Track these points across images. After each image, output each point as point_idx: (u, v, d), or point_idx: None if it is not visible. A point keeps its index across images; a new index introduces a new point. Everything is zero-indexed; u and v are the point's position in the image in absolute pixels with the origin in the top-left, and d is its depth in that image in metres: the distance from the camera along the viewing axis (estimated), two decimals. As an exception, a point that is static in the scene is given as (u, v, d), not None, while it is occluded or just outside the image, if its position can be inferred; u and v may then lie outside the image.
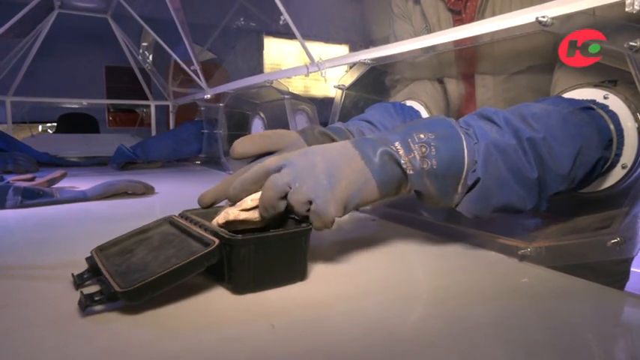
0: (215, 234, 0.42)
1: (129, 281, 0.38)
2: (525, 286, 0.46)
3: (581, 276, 0.48)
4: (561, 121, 0.49)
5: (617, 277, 0.69)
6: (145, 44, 2.34)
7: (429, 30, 0.82)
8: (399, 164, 0.45)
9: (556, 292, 0.45)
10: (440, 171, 0.46)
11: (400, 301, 0.42)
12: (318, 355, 0.32)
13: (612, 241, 0.46)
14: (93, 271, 0.44)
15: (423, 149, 0.45)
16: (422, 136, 0.46)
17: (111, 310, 0.38)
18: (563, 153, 0.48)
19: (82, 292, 0.38)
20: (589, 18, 0.51)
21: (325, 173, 0.43)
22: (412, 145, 0.46)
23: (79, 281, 0.43)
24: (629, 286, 0.67)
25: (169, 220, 0.50)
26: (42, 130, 3.42)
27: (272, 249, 0.43)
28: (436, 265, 0.54)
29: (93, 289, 0.41)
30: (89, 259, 0.45)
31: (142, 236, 0.48)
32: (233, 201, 0.47)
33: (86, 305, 0.37)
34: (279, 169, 0.44)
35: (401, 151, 0.45)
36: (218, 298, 0.42)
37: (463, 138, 0.47)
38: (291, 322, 0.37)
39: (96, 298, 0.37)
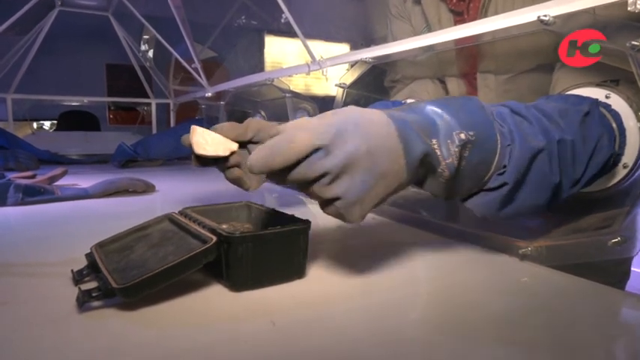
0: (213, 231, 0.42)
1: (126, 278, 0.38)
2: (526, 285, 0.46)
3: (582, 276, 0.48)
4: (580, 121, 0.48)
5: (617, 277, 0.69)
6: (146, 37, 2.34)
7: (429, 30, 0.82)
8: (434, 170, 0.41)
9: (556, 292, 0.45)
10: (464, 172, 0.42)
11: (400, 301, 0.42)
12: (319, 354, 0.32)
13: (613, 240, 0.46)
14: (92, 268, 0.44)
15: (460, 152, 0.41)
16: (462, 136, 0.41)
17: (110, 307, 0.38)
18: (581, 156, 0.47)
19: (79, 288, 0.38)
20: (590, 17, 0.51)
21: (364, 172, 0.37)
22: (451, 147, 0.40)
23: (78, 277, 0.43)
24: (630, 285, 0.67)
25: (169, 218, 0.51)
26: (37, 127, 3.41)
27: (270, 246, 0.43)
28: (436, 264, 0.54)
29: (92, 285, 0.41)
30: (88, 256, 0.45)
31: (141, 233, 0.49)
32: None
33: (83, 301, 0.37)
34: (314, 152, 0.37)
35: (438, 152, 0.40)
36: (217, 295, 0.42)
37: (498, 140, 0.43)
38: (291, 321, 0.37)
39: (93, 294, 0.38)
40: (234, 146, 0.53)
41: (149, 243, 0.46)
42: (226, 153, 0.52)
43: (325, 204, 0.39)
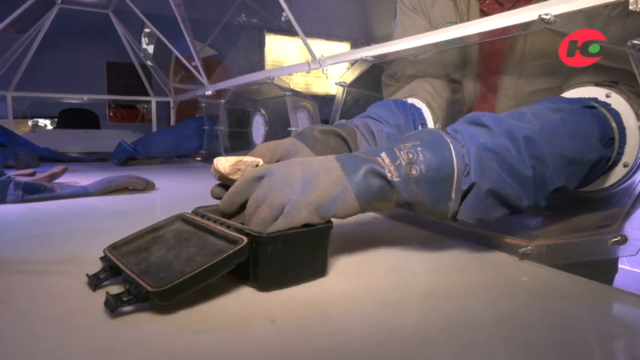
0: (240, 231, 0.42)
1: (158, 281, 0.37)
2: (526, 284, 0.46)
3: (571, 269, 0.48)
4: (559, 119, 0.49)
5: (606, 269, 0.69)
6: (147, 30, 2.33)
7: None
8: (382, 176, 0.45)
9: (556, 291, 0.45)
10: (429, 176, 0.46)
11: (401, 300, 0.42)
12: (319, 354, 0.32)
13: (613, 240, 0.46)
14: (111, 271, 0.42)
15: (410, 155, 0.46)
16: (408, 144, 0.47)
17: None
18: (562, 149, 0.48)
19: (108, 292, 0.37)
20: (591, 16, 0.51)
21: (300, 181, 0.44)
22: (398, 152, 0.46)
23: (95, 282, 0.41)
24: (629, 285, 0.67)
25: (182, 218, 0.50)
26: (32, 125, 3.40)
27: (298, 245, 0.43)
28: (437, 263, 0.54)
29: (105, 288, 0.41)
30: (105, 259, 0.44)
31: (154, 234, 0.47)
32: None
33: (116, 306, 0.36)
34: (260, 179, 0.45)
35: (386, 160, 0.46)
36: (215, 295, 0.42)
37: (449, 141, 0.47)
38: (292, 320, 0.37)
39: (124, 299, 0.36)
40: (259, 160, 0.53)
41: (166, 244, 0.45)
42: (250, 160, 0.51)
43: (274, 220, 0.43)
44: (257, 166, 0.52)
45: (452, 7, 0.80)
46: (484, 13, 0.75)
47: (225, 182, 0.52)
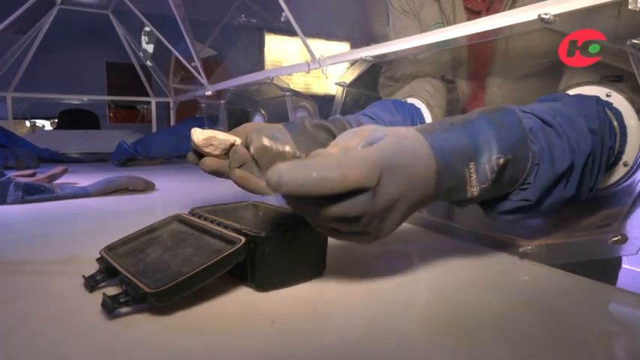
0: (237, 231, 0.42)
1: (155, 282, 0.37)
2: (526, 284, 0.46)
3: (577, 266, 0.48)
4: (587, 125, 0.48)
5: (609, 266, 0.69)
6: (147, 29, 2.33)
7: (443, 27, 0.80)
8: (461, 192, 0.41)
9: (556, 290, 0.45)
10: (486, 189, 0.43)
11: (400, 299, 0.42)
12: (319, 353, 0.32)
13: (613, 239, 0.46)
14: (107, 272, 0.42)
15: (494, 176, 0.42)
16: (501, 161, 0.41)
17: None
18: (598, 164, 0.47)
19: (104, 294, 0.37)
20: (591, 15, 0.51)
21: (400, 212, 0.38)
22: (488, 173, 0.41)
23: (92, 283, 0.41)
24: (629, 284, 0.67)
25: (178, 219, 0.49)
26: (30, 126, 3.39)
27: (295, 245, 0.43)
28: (436, 262, 0.53)
29: (105, 290, 0.41)
30: (101, 260, 0.44)
31: (151, 235, 0.47)
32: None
33: (113, 307, 0.35)
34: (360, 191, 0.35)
35: (473, 177, 0.41)
36: (213, 295, 0.42)
37: (530, 159, 0.44)
38: (292, 320, 0.37)
39: (121, 300, 0.36)
40: (235, 138, 0.51)
41: (163, 245, 0.45)
42: (224, 137, 0.49)
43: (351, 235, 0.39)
44: (232, 145, 0.49)
45: (438, 8, 0.81)
46: (468, 10, 0.76)
47: (199, 151, 0.51)
